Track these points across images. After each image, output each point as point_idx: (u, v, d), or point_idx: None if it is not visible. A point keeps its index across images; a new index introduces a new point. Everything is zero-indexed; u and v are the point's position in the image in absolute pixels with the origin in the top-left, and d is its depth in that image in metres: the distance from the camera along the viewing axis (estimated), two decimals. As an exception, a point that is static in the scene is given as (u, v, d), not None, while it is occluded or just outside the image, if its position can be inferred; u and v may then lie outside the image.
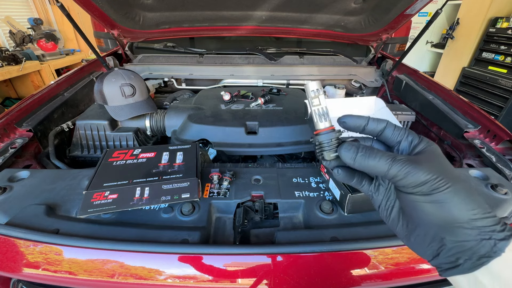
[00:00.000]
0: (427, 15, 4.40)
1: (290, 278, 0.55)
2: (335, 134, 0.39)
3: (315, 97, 0.39)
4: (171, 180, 0.68)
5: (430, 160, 0.32)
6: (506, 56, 3.16)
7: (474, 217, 0.29)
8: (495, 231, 0.29)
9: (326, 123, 0.39)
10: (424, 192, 0.30)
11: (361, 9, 1.41)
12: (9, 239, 0.57)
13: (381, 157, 0.33)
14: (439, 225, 0.30)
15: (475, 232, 0.29)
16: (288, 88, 1.63)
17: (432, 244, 0.31)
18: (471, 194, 0.30)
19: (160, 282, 0.55)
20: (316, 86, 0.39)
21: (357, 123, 0.38)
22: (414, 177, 0.30)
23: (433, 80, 1.42)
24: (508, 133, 0.96)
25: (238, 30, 1.59)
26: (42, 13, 4.07)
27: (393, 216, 0.36)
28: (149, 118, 1.17)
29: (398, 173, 0.31)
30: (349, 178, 0.39)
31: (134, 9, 1.37)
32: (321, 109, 0.39)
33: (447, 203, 0.29)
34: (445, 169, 0.31)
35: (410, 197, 0.32)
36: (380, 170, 0.33)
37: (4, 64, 3.01)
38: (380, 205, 0.38)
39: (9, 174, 0.77)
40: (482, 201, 0.30)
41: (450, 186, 0.30)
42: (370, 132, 0.38)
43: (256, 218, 0.72)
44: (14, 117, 1.00)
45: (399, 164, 0.31)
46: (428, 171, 0.30)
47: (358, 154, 0.34)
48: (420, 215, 0.32)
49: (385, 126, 0.37)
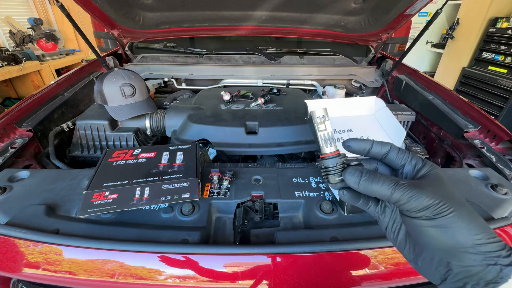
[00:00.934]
0: (427, 15, 4.40)
1: (290, 278, 0.55)
2: (341, 159, 0.39)
3: (321, 123, 0.40)
4: (171, 180, 0.68)
5: (434, 184, 0.33)
6: (506, 56, 3.16)
7: (479, 242, 0.29)
8: (500, 256, 0.28)
9: (332, 148, 0.40)
10: (427, 216, 0.31)
11: (361, 9, 1.41)
12: (9, 239, 0.57)
13: (384, 182, 0.33)
14: (445, 250, 0.30)
15: (480, 257, 0.29)
16: (288, 88, 1.63)
17: (439, 268, 0.31)
18: (475, 219, 0.30)
19: (160, 282, 0.55)
20: (323, 112, 0.40)
21: (362, 147, 0.39)
22: (417, 202, 0.31)
23: (433, 80, 1.42)
24: (508, 133, 0.96)
25: (238, 30, 1.59)
26: (42, 13, 4.08)
27: (400, 239, 0.36)
28: (149, 118, 1.17)
29: (401, 197, 0.32)
30: (354, 199, 0.40)
31: (134, 9, 1.37)
32: (327, 134, 0.40)
33: (451, 227, 0.30)
34: (449, 193, 0.32)
35: (414, 221, 0.32)
36: (383, 194, 0.33)
37: (4, 64, 3.01)
38: (387, 227, 0.39)
39: (9, 174, 0.77)
40: (486, 226, 0.30)
41: (453, 210, 0.30)
42: (374, 155, 0.39)
43: (256, 218, 0.72)
44: (14, 117, 1.00)
45: (402, 188, 0.32)
46: (430, 195, 0.31)
47: (362, 179, 0.35)
48: (425, 240, 0.32)
49: (389, 150, 0.38)
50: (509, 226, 0.62)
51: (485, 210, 0.67)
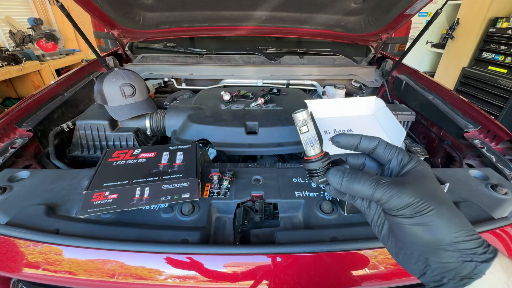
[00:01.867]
0: (427, 15, 4.40)
1: (290, 278, 0.55)
2: (324, 163, 0.40)
3: (303, 125, 0.40)
4: (171, 180, 0.68)
5: (416, 181, 0.33)
6: (506, 56, 3.16)
7: (457, 239, 0.30)
8: (476, 253, 0.29)
9: (316, 150, 0.40)
10: (407, 214, 0.31)
11: (361, 9, 1.41)
12: (9, 239, 0.57)
13: (365, 182, 0.34)
14: (424, 246, 0.31)
15: (457, 254, 0.30)
16: (288, 88, 1.63)
17: (418, 263, 0.32)
18: (455, 217, 0.31)
19: (160, 282, 0.55)
20: (305, 115, 0.40)
21: (350, 142, 0.39)
22: (397, 201, 0.31)
23: (433, 80, 1.42)
24: (508, 133, 0.96)
25: (238, 30, 1.59)
26: (42, 13, 4.08)
27: (384, 233, 0.37)
28: (149, 118, 1.17)
29: (382, 196, 0.32)
30: (340, 194, 0.40)
31: (134, 9, 1.37)
32: (310, 136, 0.40)
33: (430, 225, 0.30)
34: (430, 191, 0.32)
35: (395, 219, 0.33)
36: (365, 194, 0.34)
37: (4, 64, 3.01)
38: (372, 221, 0.39)
39: (9, 174, 0.77)
40: (466, 223, 0.31)
41: (433, 208, 0.30)
42: (363, 150, 0.39)
43: (256, 218, 0.72)
44: (14, 117, 1.00)
45: (383, 188, 0.32)
46: (410, 194, 0.31)
47: (343, 179, 0.36)
48: (405, 236, 0.32)
49: (377, 144, 0.38)
50: (509, 226, 0.62)
51: (485, 210, 0.67)
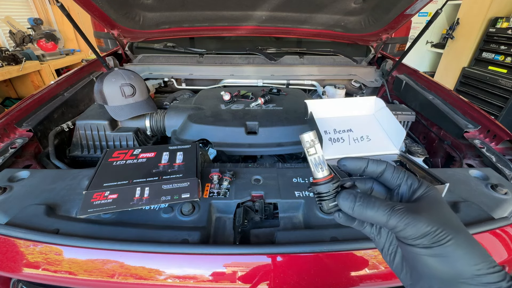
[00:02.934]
0: (427, 15, 4.40)
1: (290, 278, 0.55)
2: (334, 185, 0.38)
3: (311, 147, 0.39)
4: (171, 180, 0.68)
5: (431, 208, 0.31)
6: (506, 56, 3.16)
7: (479, 272, 0.28)
8: (501, 287, 0.28)
9: (325, 172, 0.39)
10: (425, 245, 0.30)
11: (361, 9, 1.41)
12: (9, 239, 0.57)
13: (379, 207, 0.32)
14: (443, 280, 0.29)
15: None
16: (288, 88, 1.63)
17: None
18: (474, 246, 0.29)
19: (160, 282, 0.55)
20: (312, 136, 0.39)
21: (357, 166, 0.38)
22: (413, 229, 0.30)
23: (433, 80, 1.42)
24: (508, 133, 0.96)
25: (238, 30, 1.59)
26: (42, 13, 4.07)
27: (397, 263, 0.35)
28: (149, 118, 1.17)
29: (397, 224, 0.31)
30: (350, 221, 0.39)
31: (134, 9, 1.37)
32: (318, 158, 0.39)
33: (450, 257, 0.29)
34: (446, 219, 0.31)
35: (411, 249, 0.31)
36: (379, 220, 0.32)
37: (4, 64, 3.01)
38: (383, 249, 0.37)
39: (9, 174, 0.77)
40: (486, 254, 0.29)
41: (451, 238, 0.29)
42: (370, 174, 0.38)
43: (256, 218, 0.72)
44: (14, 117, 1.00)
45: (398, 214, 0.31)
46: (427, 222, 0.30)
47: (356, 204, 0.34)
48: (422, 268, 0.31)
49: (384, 169, 0.37)
50: (509, 226, 0.62)
51: (485, 210, 0.67)
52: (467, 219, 0.64)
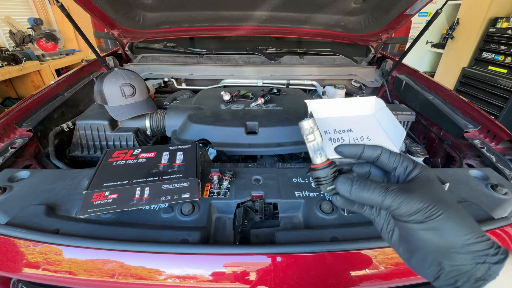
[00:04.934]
0: (427, 15, 4.40)
1: (290, 278, 0.55)
2: (331, 169, 0.40)
3: (310, 133, 0.41)
4: (171, 180, 0.68)
5: (423, 187, 0.34)
6: (506, 56, 3.16)
7: (468, 242, 0.30)
8: (488, 254, 0.30)
9: (323, 158, 0.40)
10: (418, 220, 0.32)
11: (361, 9, 1.41)
12: (9, 239, 0.57)
13: (374, 189, 0.34)
14: (436, 251, 0.31)
15: (470, 256, 0.30)
16: (288, 88, 1.63)
17: (431, 267, 0.32)
18: (464, 219, 0.31)
19: (160, 282, 0.55)
20: (311, 123, 0.41)
21: (353, 152, 0.40)
22: (407, 207, 0.32)
23: (433, 80, 1.42)
24: (508, 133, 0.96)
25: (238, 30, 1.59)
26: (42, 13, 4.08)
27: (394, 240, 0.38)
28: (149, 118, 1.17)
29: (392, 203, 0.33)
30: (349, 204, 0.41)
31: (134, 9, 1.37)
32: (317, 144, 0.40)
33: (441, 229, 0.31)
34: (438, 196, 0.33)
35: (406, 225, 0.33)
36: (375, 201, 0.34)
37: (4, 64, 3.01)
38: (382, 229, 0.40)
39: (9, 174, 0.77)
40: (475, 225, 0.32)
41: (442, 213, 0.31)
42: (366, 159, 0.40)
43: (256, 218, 0.72)
44: (14, 117, 1.00)
45: (392, 194, 0.33)
46: (420, 199, 0.32)
47: (353, 187, 0.36)
48: (417, 242, 0.33)
49: (380, 153, 0.39)
50: (509, 226, 0.62)
51: (485, 210, 0.67)
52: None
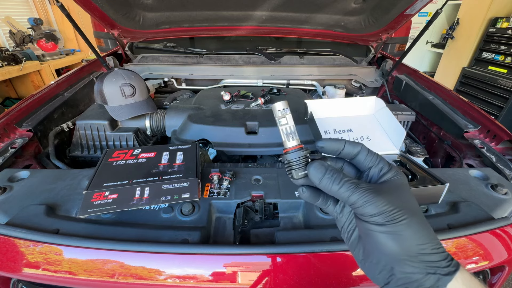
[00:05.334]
0: (427, 15, 4.40)
1: (290, 278, 0.55)
2: (303, 152, 0.39)
3: (282, 117, 0.40)
4: (171, 180, 0.68)
5: (393, 191, 0.33)
6: (506, 56, 3.15)
7: (423, 251, 0.30)
8: (440, 266, 0.30)
9: (294, 142, 0.40)
10: (379, 222, 0.31)
11: (361, 9, 1.41)
12: (9, 239, 0.57)
13: (344, 183, 0.34)
14: (390, 256, 0.31)
15: (422, 265, 0.30)
16: (288, 88, 1.63)
17: (383, 272, 0.32)
18: (424, 228, 0.31)
19: (160, 282, 0.55)
20: (283, 106, 0.40)
21: (335, 148, 0.39)
22: (371, 207, 0.32)
23: (433, 80, 1.42)
24: (508, 133, 0.96)
25: (238, 30, 1.59)
26: (42, 13, 4.07)
27: (352, 240, 0.37)
28: (149, 118, 1.17)
29: (357, 200, 0.32)
30: (314, 198, 0.40)
31: (134, 9, 1.37)
32: (289, 128, 0.40)
33: (399, 235, 0.31)
34: (404, 201, 0.33)
35: (366, 225, 0.33)
36: (342, 195, 0.34)
37: (4, 64, 3.01)
38: (343, 227, 0.39)
39: (9, 174, 0.77)
40: (433, 236, 0.32)
41: (405, 218, 0.31)
42: (345, 155, 0.39)
43: (256, 218, 0.72)
44: (14, 117, 1.00)
45: (361, 192, 0.32)
46: (385, 202, 0.31)
47: (325, 176, 0.35)
48: (373, 244, 0.33)
49: (359, 151, 0.38)
50: (509, 226, 0.62)
51: (485, 210, 0.67)
52: (467, 219, 0.64)
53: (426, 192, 0.64)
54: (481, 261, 0.61)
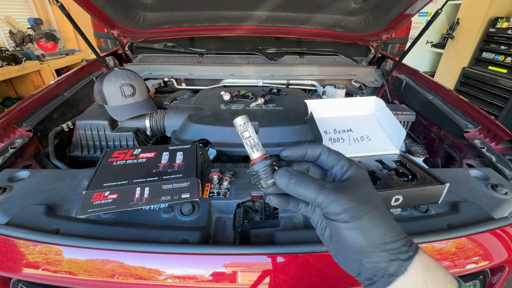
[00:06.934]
0: (427, 15, 4.40)
1: (290, 278, 0.55)
2: (269, 161, 0.40)
3: (245, 130, 0.42)
4: (171, 180, 0.68)
5: (354, 187, 0.35)
6: (506, 56, 3.16)
7: (385, 241, 0.32)
8: (401, 252, 0.32)
9: (258, 153, 0.41)
10: (344, 219, 0.33)
11: (361, 9, 1.41)
12: (9, 239, 0.57)
13: (310, 185, 0.35)
14: (358, 249, 0.33)
15: (385, 254, 0.32)
16: (288, 88, 1.63)
17: (354, 264, 0.35)
18: (384, 219, 0.33)
19: (160, 282, 0.55)
20: (243, 120, 0.42)
21: (298, 153, 0.40)
22: (336, 206, 0.33)
23: (433, 80, 1.42)
24: (508, 133, 0.96)
25: (238, 30, 1.59)
26: (42, 13, 4.08)
27: (326, 236, 0.39)
28: (149, 118, 1.17)
29: (323, 201, 0.34)
30: (283, 203, 0.41)
31: (134, 9, 1.37)
32: (252, 140, 0.41)
33: (364, 229, 0.32)
34: (366, 196, 0.34)
35: (333, 224, 0.34)
36: (308, 197, 0.35)
37: (4, 64, 3.01)
38: (317, 225, 0.41)
39: (9, 174, 0.77)
40: (394, 225, 0.34)
41: (367, 213, 0.33)
42: (310, 158, 0.41)
43: (256, 218, 0.72)
44: (14, 117, 1.00)
45: (325, 192, 0.34)
46: (348, 199, 0.33)
47: (290, 181, 0.36)
48: (342, 240, 0.34)
49: (320, 151, 0.39)
50: (509, 226, 0.62)
51: (485, 210, 0.67)
52: (467, 219, 0.64)
53: (426, 192, 0.64)
54: (481, 261, 0.61)
